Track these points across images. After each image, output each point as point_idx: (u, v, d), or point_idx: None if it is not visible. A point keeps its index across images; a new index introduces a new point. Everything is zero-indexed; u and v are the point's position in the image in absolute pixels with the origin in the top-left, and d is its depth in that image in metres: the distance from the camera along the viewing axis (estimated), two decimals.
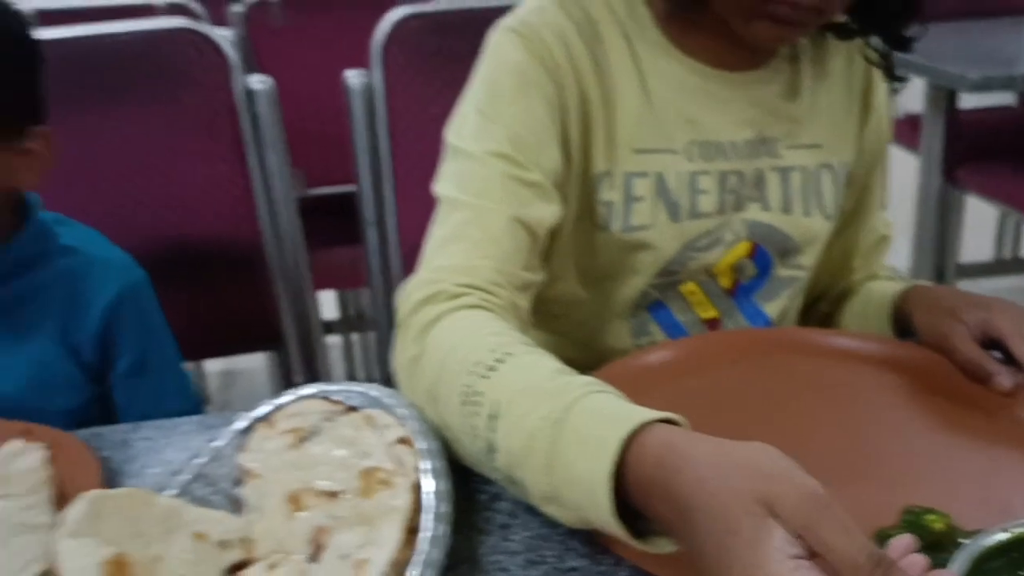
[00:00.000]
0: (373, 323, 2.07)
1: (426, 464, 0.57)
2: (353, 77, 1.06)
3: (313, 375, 1.23)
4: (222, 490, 0.60)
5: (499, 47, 0.79)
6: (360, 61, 1.82)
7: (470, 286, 0.69)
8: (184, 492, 0.59)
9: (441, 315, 0.66)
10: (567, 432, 0.51)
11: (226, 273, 1.11)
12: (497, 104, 0.76)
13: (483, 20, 1.05)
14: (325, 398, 0.64)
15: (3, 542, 0.58)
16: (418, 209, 1.10)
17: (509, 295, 0.72)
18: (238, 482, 0.60)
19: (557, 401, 0.53)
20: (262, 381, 1.89)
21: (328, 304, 1.88)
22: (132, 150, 1.03)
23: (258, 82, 1.08)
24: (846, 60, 0.85)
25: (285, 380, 1.21)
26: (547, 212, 0.75)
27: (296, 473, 0.58)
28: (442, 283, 0.69)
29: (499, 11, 1.04)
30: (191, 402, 0.90)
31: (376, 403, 0.63)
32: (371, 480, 0.56)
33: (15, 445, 0.70)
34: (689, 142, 0.79)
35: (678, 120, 0.79)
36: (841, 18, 0.79)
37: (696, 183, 0.80)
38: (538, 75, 0.76)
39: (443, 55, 1.06)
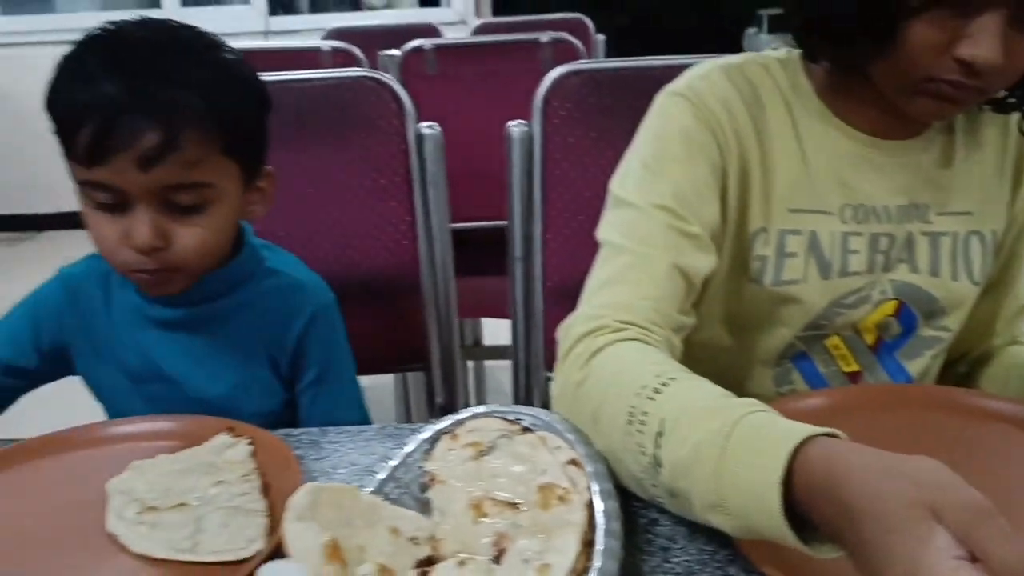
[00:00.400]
0: (508, 351, 2.16)
1: (595, 485, 0.63)
2: (514, 127, 1.15)
3: (451, 396, 1.31)
4: (410, 491, 0.67)
5: (667, 110, 0.86)
6: (507, 108, 1.93)
7: (630, 323, 0.76)
8: (378, 490, 0.67)
9: (604, 345, 0.73)
10: (735, 443, 0.56)
11: (384, 298, 1.21)
12: (663, 162, 0.83)
13: (636, 78, 1.13)
14: (502, 418, 0.71)
15: (225, 522, 0.67)
16: (562, 249, 1.18)
17: (666, 334, 0.78)
18: (424, 486, 0.67)
19: (724, 416, 0.58)
20: (387, 398, 2.03)
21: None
22: (317, 185, 1.14)
23: (427, 127, 1.18)
24: (1000, 130, 0.88)
25: (428, 399, 1.30)
26: (703, 262, 0.81)
27: (477, 483, 0.65)
28: (604, 319, 0.75)
29: (651, 71, 1.12)
30: (362, 412, 0.99)
31: (548, 426, 0.69)
32: (549, 495, 0.62)
33: (224, 438, 0.80)
34: (843, 204, 0.83)
35: (833, 183, 0.83)
36: (999, 93, 0.82)
37: (847, 243, 0.84)
38: (703, 138, 0.83)
39: (598, 109, 1.13)
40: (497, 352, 2.02)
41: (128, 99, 0.76)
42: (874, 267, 0.85)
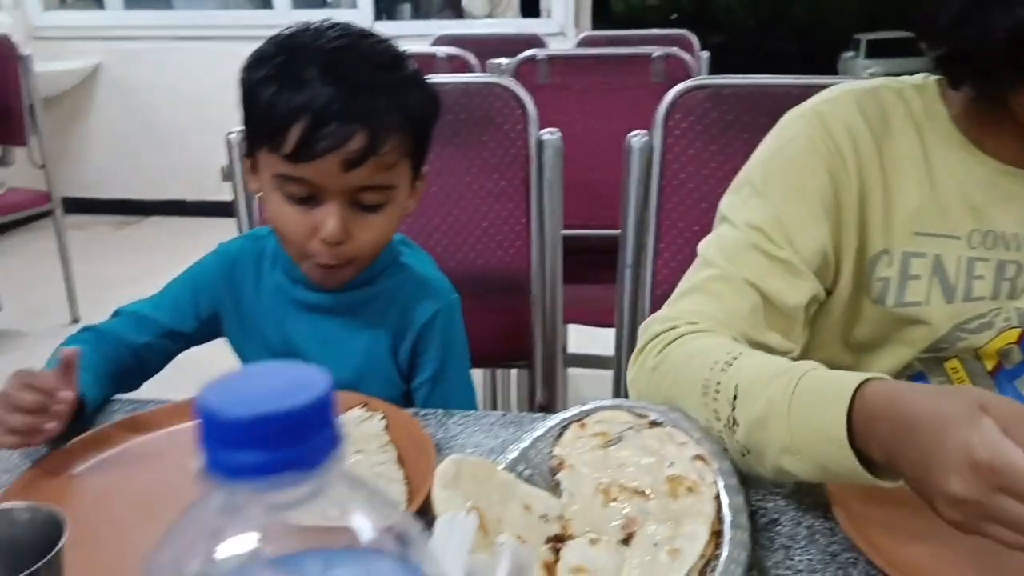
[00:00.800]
0: (597, 360, 2.19)
1: (722, 480, 0.66)
2: (634, 137, 1.18)
3: (551, 395, 1.35)
4: (540, 473, 0.71)
5: (787, 131, 0.88)
6: (618, 119, 1.96)
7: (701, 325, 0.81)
8: (510, 468, 0.71)
9: (679, 336, 0.80)
10: (802, 390, 0.65)
11: (495, 295, 1.25)
12: (770, 183, 0.85)
13: (761, 96, 1.15)
14: (630, 411, 0.74)
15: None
16: (674, 260, 1.21)
17: (726, 336, 0.81)
18: (553, 469, 0.71)
19: (792, 373, 0.67)
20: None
21: None
22: (438, 182, 1.19)
23: (548, 133, 1.22)
24: None
25: (529, 396, 1.34)
26: (789, 286, 0.84)
27: (606, 470, 0.69)
28: (679, 320, 0.82)
29: (776, 88, 1.14)
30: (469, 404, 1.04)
31: (674, 422, 0.72)
32: (678, 486, 0.65)
33: (358, 412, 0.85)
34: (972, 230, 0.84)
35: (963, 208, 0.84)
36: None
37: (973, 268, 0.84)
38: (816, 164, 0.85)
39: (720, 124, 1.15)
40: (592, 361, 2.05)
41: (341, 106, 0.83)
42: (999, 294, 0.85)
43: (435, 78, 1.22)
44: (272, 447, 0.24)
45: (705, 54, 2.82)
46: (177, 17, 4.71)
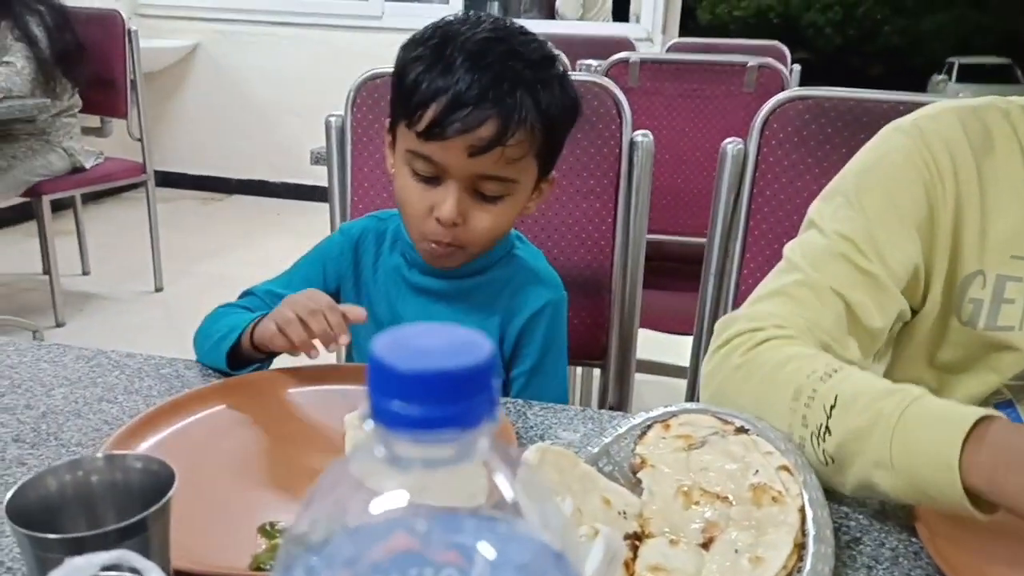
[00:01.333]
0: (675, 369, 2.18)
1: (807, 494, 0.65)
2: (729, 144, 1.17)
3: (622, 397, 1.35)
4: (620, 469, 0.71)
5: (886, 143, 0.86)
6: (708, 126, 1.95)
7: (788, 332, 0.80)
8: (592, 462, 0.71)
9: (769, 339, 0.79)
10: (918, 411, 0.65)
11: (575, 292, 1.25)
12: (864, 195, 0.84)
13: (863, 110, 1.13)
14: (716, 416, 0.74)
15: None
16: (760, 271, 1.19)
17: (814, 348, 0.80)
18: (634, 467, 0.71)
19: (904, 394, 0.67)
20: None
21: None
22: None
23: (641, 135, 1.22)
24: None
25: (601, 396, 1.34)
26: (874, 301, 0.82)
27: (688, 472, 0.69)
28: (763, 322, 0.81)
29: (879, 104, 1.12)
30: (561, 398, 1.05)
31: (760, 431, 0.72)
32: (762, 495, 0.65)
33: None
34: None
35: None
36: None
37: None
38: (913, 180, 0.83)
39: (819, 137, 1.14)
40: (659, 368, 2.04)
41: (478, 93, 0.86)
42: None
43: None
44: (437, 403, 0.25)
45: (796, 67, 2.77)
46: (275, 2, 4.83)
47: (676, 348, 2.11)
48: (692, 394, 1.30)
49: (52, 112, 2.92)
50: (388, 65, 1.01)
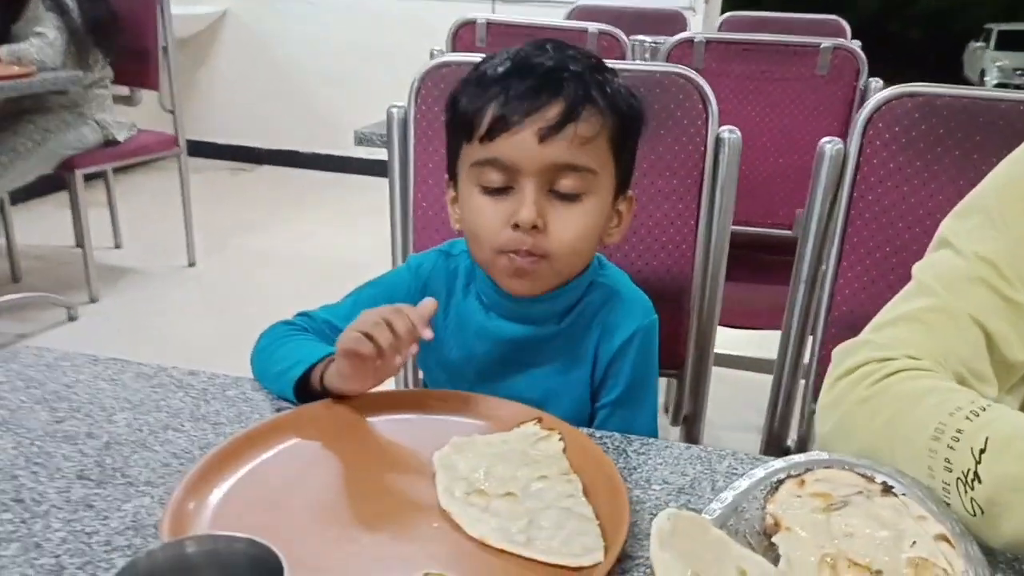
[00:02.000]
0: (756, 363, 2.10)
1: (972, 571, 0.58)
2: (827, 143, 1.08)
3: (697, 406, 1.28)
4: (749, 529, 0.64)
5: None
6: (783, 113, 1.85)
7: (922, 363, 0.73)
8: (720, 523, 0.64)
9: (900, 369, 0.72)
10: None
11: (652, 297, 1.18)
12: (1008, 214, 0.76)
13: (980, 109, 1.03)
14: (853, 469, 0.66)
15: (560, 523, 0.66)
16: (857, 279, 1.11)
17: (950, 378, 0.73)
18: (766, 529, 0.64)
19: None
20: None
21: None
22: None
23: (728, 131, 1.13)
24: None
25: (676, 407, 1.27)
26: (1016, 330, 0.75)
27: (830, 538, 0.61)
28: (894, 351, 0.74)
29: (998, 103, 1.02)
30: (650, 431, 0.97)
31: (908, 489, 0.64)
32: (923, 572, 0.57)
33: (533, 428, 0.79)
34: None
35: None
36: None
37: None
38: None
39: (927, 137, 1.04)
40: (739, 362, 1.97)
41: (536, 83, 0.81)
42: None
43: (618, 64, 1.15)
44: None
45: (856, 43, 2.65)
46: None
47: (760, 342, 2.04)
48: (776, 396, 1.22)
49: (84, 84, 2.85)
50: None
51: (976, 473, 0.63)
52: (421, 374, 1.14)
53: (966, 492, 0.63)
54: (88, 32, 2.81)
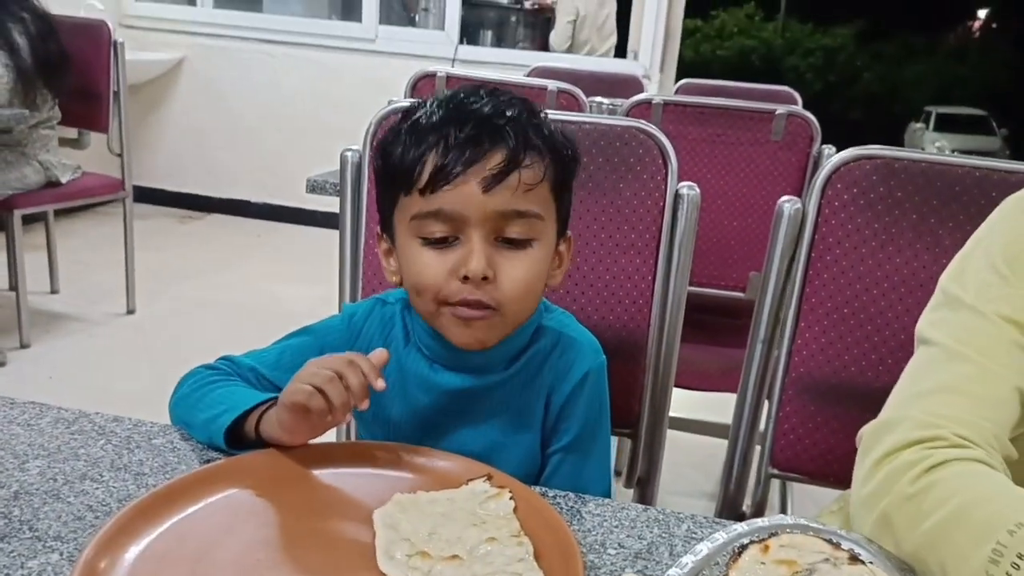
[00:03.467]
0: (709, 427, 2.07)
1: None
2: (786, 203, 1.08)
3: (651, 467, 1.24)
4: None
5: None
6: (737, 176, 1.87)
7: (972, 442, 0.68)
8: None
9: (949, 460, 0.65)
10: None
11: (608, 354, 1.15)
12: (1018, 270, 0.74)
13: (937, 174, 1.04)
14: (823, 538, 0.63)
15: None
16: (814, 338, 1.09)
17: (1000, 461, 0.68)
18: None
19: None
20: None
21: None
22: (571, 228, 1.10)
23: (687, 187, 1.12)
24: None
25: (630, 467, 1.23)
26: None
27: None
28: (942, 429, 0.68)
29: (956, 168, 1.03)
30: (606, 488, 0.93)
31: (875, 556, 0.61)
32: None
33: (482, 486, 0.75)
34: None
35: None
36: None
37: None
38: None
39: (885, 200, 1.05)
40: (692, 426, 1.94)
41: (475, 132, 0.78)
42: None
43: (577, 117, 1.14)
44: None
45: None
46: (266, 20, 4.72)
47: (711, 405, 2.01)
48: (731, 461, 1.19)
49: (29, 123, 2.77)
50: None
51: None
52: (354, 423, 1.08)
53: None
54: (37, 72, 2.74)
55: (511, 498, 0.72)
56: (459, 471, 0.76)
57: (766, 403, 1.16)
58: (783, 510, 1.98)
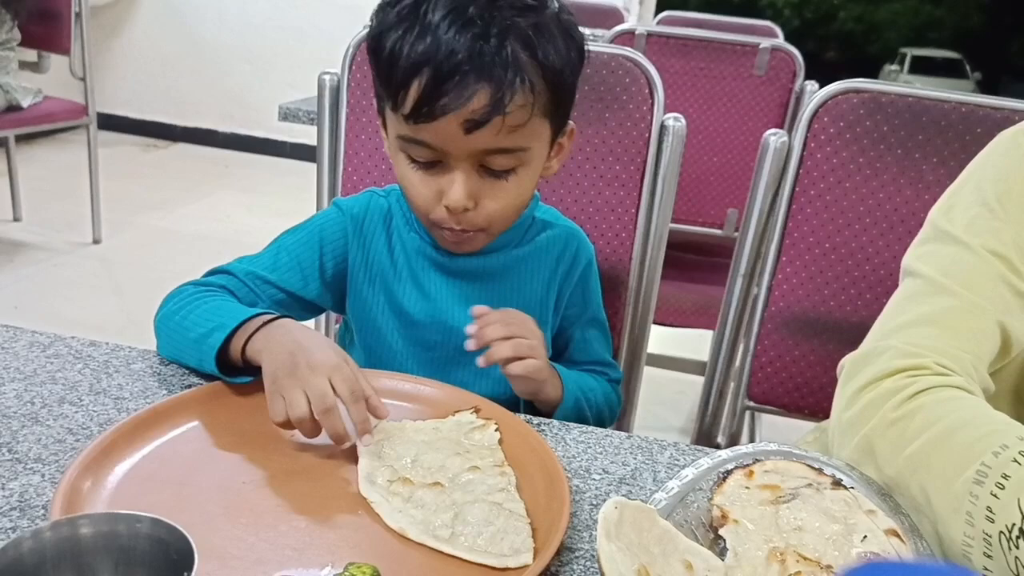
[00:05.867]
0: (686, 363, 2.09)
1: None
2: (772, 136, 1.07)
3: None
4: (696, 521, 0.61)
5: (1017, 149, 0.76)
6: (720, 109, 1.85)
7: (953, 371, 0.68)
8: (666, 514, 0.60)
9: (932, 387, 0.66)
10: None
11: None
12: (1008, 205, 0.74)
13: (924, 109, 1.04)
14: (806, 464, 0.64)
15: (488, 520, 0.60)
16: (795, 273, 1.10)
17: (980, 394, 0.70)
18: (714, 521, 0.61)
19: None
20: None
21: None
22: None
23: (673, 119, 1.11)
24: None
25: None
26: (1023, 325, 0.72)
27: (779, 532, 0.59)
28: (924, 359, 0.68)
29: (943, 104, 1.03)
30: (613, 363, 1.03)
31: (857, 482, 0.62)
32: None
33: (468, 417, 0.75)
34: None
35: None
36: None
37: None
38: None
39: (871, 134, 1.04)
40: (668, 363, 1.95)
41: (464, 57, 0.74)
42: None
43: None
44: None
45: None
46: None
47: (687, 342, 2.02)
48: (709, 390, 1.20)
49: None
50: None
51: (1018, 526, 0.55)
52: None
53: (1010, 550, 0.55)
54: None
55: (496, 430, 0.73)
56: (448, 401, 0.76)
57: (743, 338, 1.17)
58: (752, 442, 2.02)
